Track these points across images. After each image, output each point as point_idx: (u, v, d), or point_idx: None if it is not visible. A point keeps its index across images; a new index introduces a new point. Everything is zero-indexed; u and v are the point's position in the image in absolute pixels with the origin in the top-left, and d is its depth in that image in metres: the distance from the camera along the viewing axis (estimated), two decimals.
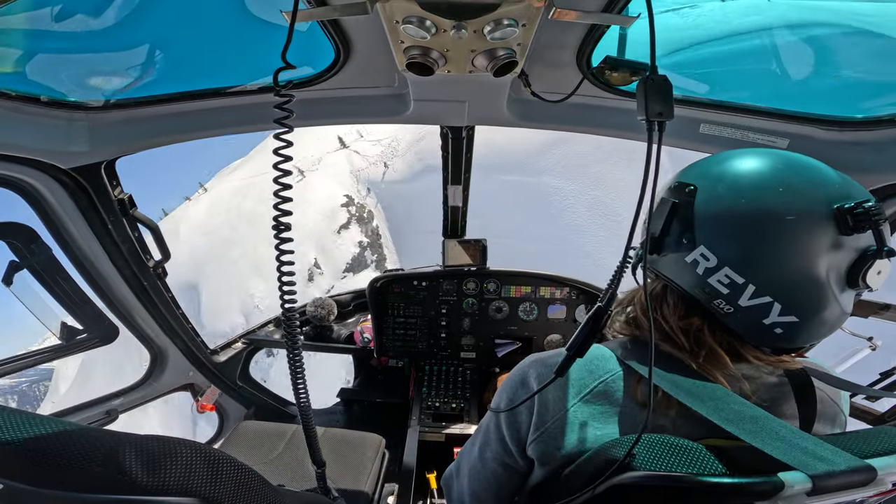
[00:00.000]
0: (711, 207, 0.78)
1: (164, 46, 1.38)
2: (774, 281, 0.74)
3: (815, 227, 0.71)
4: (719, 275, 0.76)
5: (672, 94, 0.80)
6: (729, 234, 0.76)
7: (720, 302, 0.78)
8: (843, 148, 1.38)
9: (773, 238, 0.72)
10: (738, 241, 0.75)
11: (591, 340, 0.83)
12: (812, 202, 0.72)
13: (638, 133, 1.58)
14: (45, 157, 1.45)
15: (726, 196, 0.77)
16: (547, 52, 1.25)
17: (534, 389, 0.92)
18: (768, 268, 0.73)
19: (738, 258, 0.75)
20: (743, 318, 0.77)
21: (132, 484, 0.67)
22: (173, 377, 2.48)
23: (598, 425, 0.85)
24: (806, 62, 1.57)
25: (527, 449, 0.94)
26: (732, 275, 0.75)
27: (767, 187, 0.75)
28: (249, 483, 0.85)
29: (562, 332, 2.64)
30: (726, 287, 0.76)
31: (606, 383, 0.87)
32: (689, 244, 0.79)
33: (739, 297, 0.76)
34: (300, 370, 1.17)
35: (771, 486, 0.61)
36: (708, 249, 0.77)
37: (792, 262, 0.72)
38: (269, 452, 2.15)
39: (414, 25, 1.00)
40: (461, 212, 2.47)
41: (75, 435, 0.69)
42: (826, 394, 0.88)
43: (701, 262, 0.78)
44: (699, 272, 0.78)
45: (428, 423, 2.40)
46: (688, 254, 0.79)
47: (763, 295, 0.74)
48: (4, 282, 1.63)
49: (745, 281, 0.74)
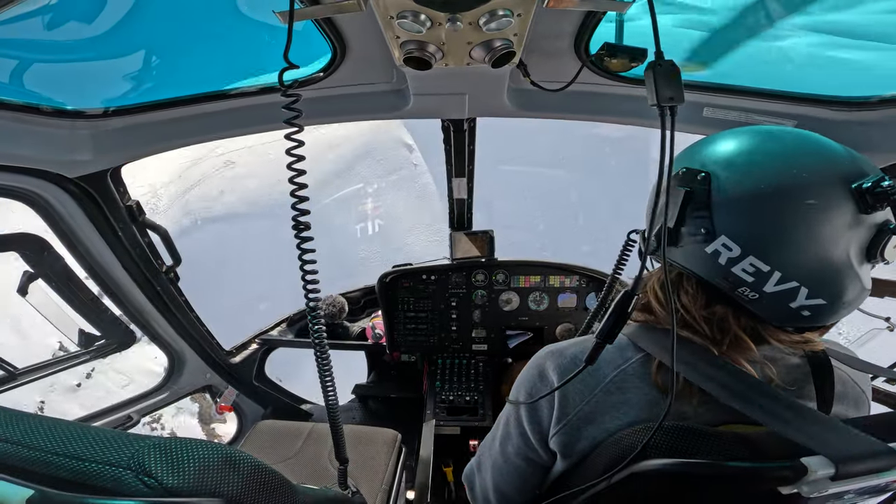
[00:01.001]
0: (730, 196, 0.75)
1: (160, 52, 1.39)
2: (801, 266, 0.72)
3: (836, 208, 0.70)
4: (743, 264, 0.74)
5: (681, 79, 0.78)
6: (752, 223, 0.73)
7: (744, 290, 0.76)
8: (851, 128, 1.36)
9: (797, 224, 0.71)
10: (762, 229, 0.73)
11: (620, 326, 0.81)
12: (831, 183, 0.71)
13: (641, 118, 1.56)
14: (50, 166, 1.47)
15: (745, 183, 0.74)
16: (544, 42, 1.23)
17: (553, 381, 0.92)
18: (794, 253, 0.72)
19: (764, 246, 0.73)
20: (768, 303, 0.76)
21: (157, 486, 0.68)
22: (191, 379, 2.52)
23: (619, 414, 0.85)
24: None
25: (549, 441, 0.94)
26: (758, 263, 0.73)
27: (785, 172, 0.73)
28: (270, 482, 0.86)
29: (573, 320, 2.63)
30: (751, 275, 0.74)
31: (626, 372, 0.86)
32: (708, 234, 0.76)
33: (765, 283, 0.74)
34: (328, 369, 1.19)
35: (793, 471, 0.61)
36: (730, 239, 0.74)
37: (817, 246, 0.71)
38: (287, 451, 2.18)
39: (409, 20, 0.99)
40: (466, 204, 2.47)
41: (100, 439, 0.70)
42: (849, 376, 0.87)
43: (723, 252, 0.75)
44: (721, 262, 0.76)
45: (443, 416, 2.40)
46: (707, 244, 0.77)
47: (790, 280, 0.73)
48: (20, 292, 1.66)
49: (771, 268, 0.73)
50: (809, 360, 0.84)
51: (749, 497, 0.75)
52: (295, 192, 0.93)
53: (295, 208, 0.94)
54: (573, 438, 0.89)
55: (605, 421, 0.85)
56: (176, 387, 2.46)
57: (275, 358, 3.03)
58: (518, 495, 1.09)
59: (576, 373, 0.86)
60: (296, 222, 0.95)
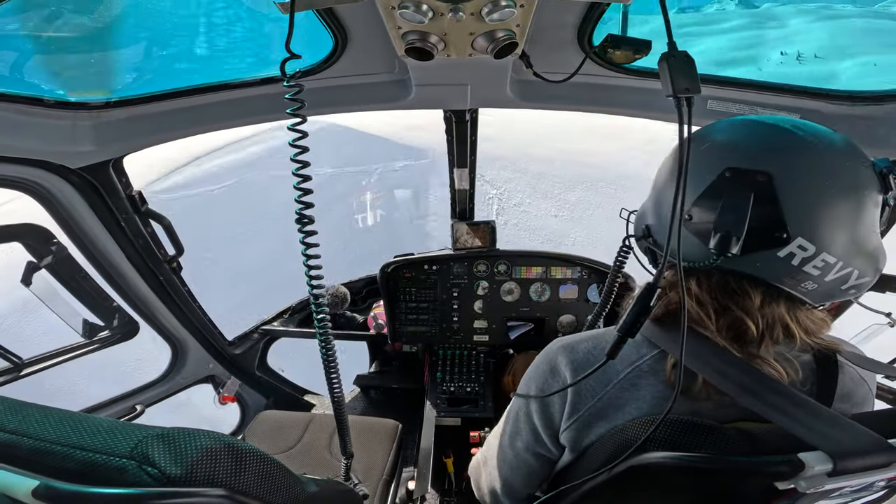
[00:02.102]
0: (799, 194, 0.73)
1: (163, 43, 1.38)
2: (857, 252, 0.74)
3: (874, 194, 0.73)
4: (816, 261, 0.73)
5: (696, 69, 0.77)
6: (822, 220, 0.72)
7: (808, 283, 0.75)
8: (854, 122, 1.36)
9: (859, 215, 0.73)
10: (831, 225, 0.72)
11: (642, 320, 0.79)
12: (866, 171, 0.74)
13: (645, 110, 1.55)
14: (52, 157, 1.47)
15: (811, 181, 0.73)
16: (547, 33, 1.23)
17: (565, 376, 0.91)
18: (854, 242, 0.73)
19: (834, 241, 0.72)
20: (823, 290, 0.76)
21: (161, 476, 0.69)
22: (194, 370, 2.53)
23: (631, 410, 0.84)
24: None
25: (560, 436, 0.94)
26: (828, 258, 0.73)
27: (842, 164, 0.73)
28: (273, 472, 0.87)
29: (574, 312, 2.63)
30: (819, 270, 0.74)
31: (640, 368, 0.86)
32: (784, 238, 0.73)
33: (827, 274, 0.74)
34: (333, 364, 1.19)
35: (790, 467, 0.61)
36: (805, 239, 0.72)
37: (866, 231, 0.74)
38: (289, 441, 2.20)
39: (410, 10, 0.98)
40: (468, 194, 2.46)
41: (105, 429, 0.71)
42: (860, 375, 0.87)
43: (798, 254, 0.73)
44: (794, 263, 0.74)
45: (443, 407, 2.41)
46: (782, 248, 0.74)
47: (848, 266, 0.74)
48: (24, 282, 1.67)
49: (837, 259, 0.73)
50: (815, 357, 0.84)
51: (748, 491, 0.75)
52: (300, 184, 0.93)
53: (299, 201, 0.94)
54: (583, 434, 0.89)
55: (617, 417, 0.85)
56: (179, 377, 2.47)
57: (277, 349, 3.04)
58: (525, 488, 1.10)
59: (597, 367, 0.83)
60: (300, 215, 0.95)
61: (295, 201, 0.95)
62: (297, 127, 0.93)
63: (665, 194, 0.88)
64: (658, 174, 0.94)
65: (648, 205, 0.96)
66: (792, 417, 0.69)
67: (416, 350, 2.87)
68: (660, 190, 0.91)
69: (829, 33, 15.77)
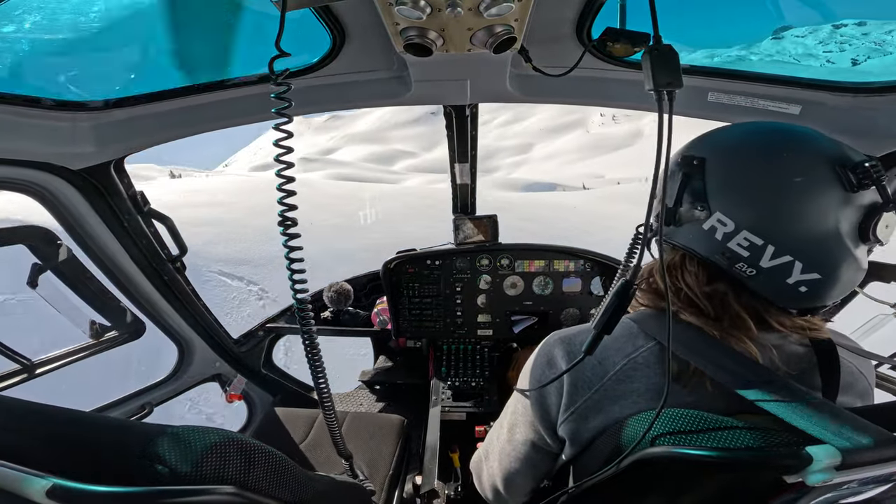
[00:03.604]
0: (722, 175, 0.80)
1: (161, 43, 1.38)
2: (792, 240, 0.75)
3: (821, 185, 0.73)
4: (738, 238, 0.77)
5: (679, 63, 0.79)
6: (743, 199, 0.77)
7: (742, 265, 0.79)
8: (857, 113, 1.34)
9: (785, 200, 0.74)
10: (752, 205, 0.76)
11: (619, 316, 0.83)
12: (817, 163, 0.75)
13: (646, 103, 1.54)
14: (53, 159, 1.48)
15: (735, 162, 0.79)
16: (546, 27, 1.22)
17: (562, 368, 0.92)
18: (785, 228, 0.75)
19: (755, 220, 0.76)
20: (766, 279, 0.78)
21: (172, 475, 0.70)
22: (201, 368, 2.55)
23: (628, 403, 0.85)
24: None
25: (558, 429, 0.95)
26: (751, 237, 0.76)
27: (774, 153, 0.77)
28: (281, 469, 0.88)
29: (578, 305, 2.63)
30: (746, 250, 0.77)
31: (635, 361, 0.86)
32: (704, 212, 0.80)
33: (760, 258, 0.77)
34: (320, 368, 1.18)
35: (797, 460, 0.61)
36: (724, 215, 0.78)
37: (806, 221, 0.74)
38: (296, 438, 2.22)
39: (408, 6, 0.98)
40: (470, 188, 2.46)
41: (116, 429, 0.72)
42: (857, 367, 0.87)
43: (719, 228, 0.79)
44: (718, 238, 0.79)
45: (448, 402, 2.42)
46: (704, 221, 0.81)
47: (783, 254, 0.75)
48: (29, 284, 1.68)
49: (765, 242, 0.76)
50: (815, 349, 0.84)
51: (754, 484, 0.76)
52: (283, 185, 0.93)
53: (282, 203, 0.93)
54: (581, 426, 0.89)
55: (614, 410, 0.86)
56: (186, 376, 2.49)
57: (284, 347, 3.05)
58: (526, 483, 1.10)
59: (575, 362, 0.88)
60: (282, 217, 0.94)
61: (278, 203, 0.94)
62: (283, 127, 0.92)
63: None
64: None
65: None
66: (792, 410, 0.69)
67: (421, 345, 2.88)
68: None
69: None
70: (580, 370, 0.89)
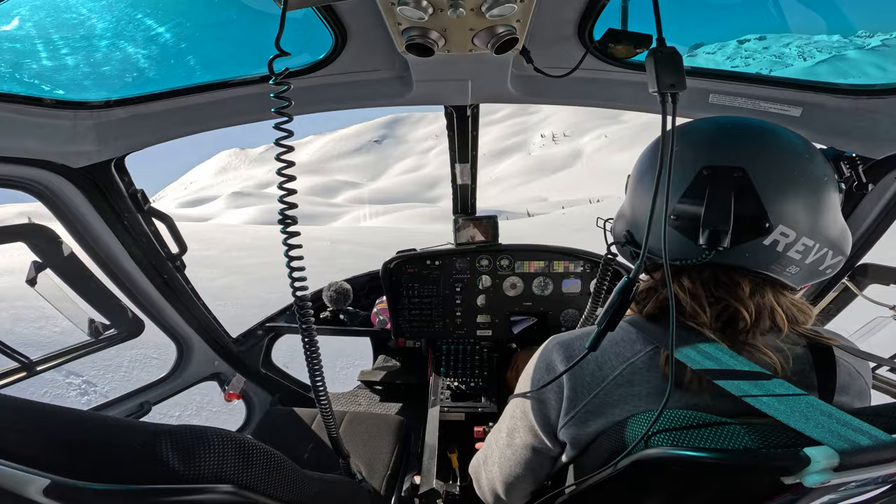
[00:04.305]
0: (773, 186, 0.78)
1: (162, 42, 1.38)
2: (830, 233, 0.81)
3: (833, 181, 0.80)
4: (798, 245, 0.79)
5: (683, 66, 0.79)
6: (797, 206, 0.78)
7: (792, 268, 0.82)
8: (858, 116, 1.35)
9: (824, 198, 0.79)
10: (805, 210, 0.78)
11: (622, 314, 0.83)
12: (824, 159, 0.82)
13: (647, 105, 1.55)
14: (54, 157, 1.48)
15: (781, 173, 0.79)
16: (548, 28, 1.22)
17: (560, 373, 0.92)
18: (826, 224, 0.80)
19: (809, 225, 0.79)
20: (804, 272, 0.83)
21: (169, 473, 0.70)
22: (200, 367, 2.54)
23: (628, 407, 0.85)
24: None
25: (558, 434, 0.95)
26: (807, 241, 0.79)
27: (806, 156, 0.80)
28: (279, 468, 0.88)
29: (577, 306, 2.63)
30: (800, 254, 0.80)
31: (635, 365, 0.86)
32: (767, 228, 0.78)
33: (807, 257, 0.80)
34: (318, 367, 1.17)
35: (795, 462, 0.61)
36: (786, 226, 0.78)
37: (834, 215, 0.81)
38: (295, 437, 2.22)
39: (410, 6, 0.98)
40: (470, 189, 2.46)
41: (113, 428, 0.72)
42: (854, 367, 0.87)
43: (781, 241, 0.79)
44: (779, 250, 0.80)
45: (447, 402, 2.42)
46: (766, 237, 0.79)
47: (823, 248, 0.81)
48: (29, 282, 1.68)
49: (815, 242, 0.79)
50: (811, 350, 0.84)
51: (752, 486, 0.76)
52: (283, 184, 0.92)
53: (282, 201, 0.93)
54: (582, 430, 0.89)
55: (614, 413, 0.86)
56: (185, 375, 2.49)
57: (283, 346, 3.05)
58: (526, 487, 1.10)
59: (579, 359, 0.88)
60: (283, 215, 0.94)
61: (279, 201, 0.94)
62: (284, 126, 0.92)
63: (642, 197, 0.93)
64: (633, 178, 0.97)
65: (626, 209, 0.99)
66: (790, 411, 0.69)
67: (420, 345, 2.88)
68: (637, 193, 0.94)
69: (570, 113, 16.23)
70: (580, 375, 0.89)
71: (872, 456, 0.61)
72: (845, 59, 1.57)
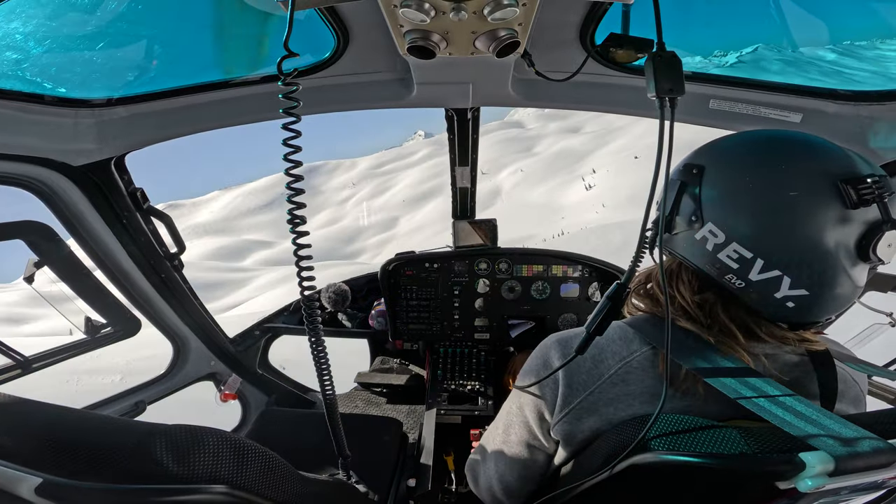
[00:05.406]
0: (717, 186, 0.80)
1: (165, 41, 1.38)
2: (782, 255, 0.74)
3: (818, 201, 0.71)
4: (728, 250, 0.78)
5: (682, 70, 0.79)
6: (736, 211, 0.77)
7: (731, 277, 0.79)
8: (858, 122, 1.35)
9: (777, 214, 0.73)
10: (744, 218, 0.77)
11: (611, 319, 0.84)
12: (815, 178, 0.72)
13: (648, 110, 1.55)
14: (54, 155, 1.48)
15: (731, 173, 0.79)
16: (549, 32, 1.23)
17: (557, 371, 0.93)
18: (775, 243, 0.74)
19: (745, 234, 0.76)
20: (754, 292, 0.78)
21: (163, 473, 0.69)
22: (196, 367, 2.53)
23: (622, 406, 0.85)
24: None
25: (552, 430, 0.95)
26: (741, 250, 0.76)
27: (770, 166, 0.76)
28: (274, 469, 0.88)
29: (575, 310, 2.63)
30: (735, 262, 0.78)
31: (630, 364, 0.87)
32: (697, 221, 0.81)
33: (749, 271, 0.77)
34: (325, 363, 1.18)
35: (791, 467, 0.61)
36: (715, 226, 0.79)
37: (798, 237, 0.73)
38: (291, 438, 2.20)
39: (412, 9, 0.98)
40: (470, 192, 2.46)
41: (107, 427, 0.71)
42: (850, 374, 0.88)
43: (710, 239, 0.79)
44: (709, 248, 0.80)
45: (444, 405, 2.41)
46: (697, 231, 0.81)
47: (772, 269, 0.75)
48: (27, 280, 1.67)
49: (754, 255, 0.76)
50: (812, 359, 0.84)
51: (748, 490, 0.76)
52: (291, 184, 0.92)
53: (291, 201, 0.93)
54: (575, 428, 0.90)
55: (609, 412, 0.86)
56: (181, 374, 2.48)
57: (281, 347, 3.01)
58: (522, 485, 1.10)
59: (566, 362, 0.89)
60: (291, 215, 0.94)
61: (287, 201, 0.94)
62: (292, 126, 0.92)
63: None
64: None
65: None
66: (785, 417, 0.69)
67: (417, 348, 2.87)
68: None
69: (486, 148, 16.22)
70: (575, 372, 0.90)
71: (868, 461, 0.61)
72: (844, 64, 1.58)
